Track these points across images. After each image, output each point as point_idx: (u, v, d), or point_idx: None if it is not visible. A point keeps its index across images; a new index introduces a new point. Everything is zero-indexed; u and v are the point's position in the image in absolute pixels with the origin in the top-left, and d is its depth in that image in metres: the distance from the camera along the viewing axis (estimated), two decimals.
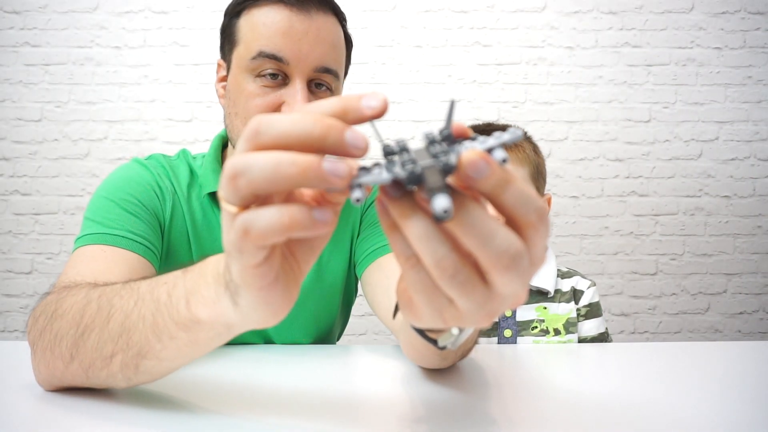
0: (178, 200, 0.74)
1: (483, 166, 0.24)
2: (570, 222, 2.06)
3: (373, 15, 2.04)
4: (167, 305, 0.38)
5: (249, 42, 0.67)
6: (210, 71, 2.01)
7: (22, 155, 2.00)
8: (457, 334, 0.40)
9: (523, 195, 0.25)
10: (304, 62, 0.66)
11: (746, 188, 2.08)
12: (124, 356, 0.42)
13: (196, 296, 0.36)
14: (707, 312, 2.08)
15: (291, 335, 0.80)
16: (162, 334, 0.39)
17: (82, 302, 0.46)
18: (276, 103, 0.67)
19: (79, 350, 0.44)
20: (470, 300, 0.27)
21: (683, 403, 0.49)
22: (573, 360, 0.66)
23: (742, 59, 2.08)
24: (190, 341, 0.39)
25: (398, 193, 0.26)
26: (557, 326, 0.86)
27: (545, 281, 0.88)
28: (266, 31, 0.66)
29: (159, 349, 0.40)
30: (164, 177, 0.74)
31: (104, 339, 0.42)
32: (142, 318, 0.40)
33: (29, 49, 2.00)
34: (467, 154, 0.24)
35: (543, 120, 2.07)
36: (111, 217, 0.66)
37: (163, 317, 0.39)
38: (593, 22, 2.07)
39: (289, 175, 0.25)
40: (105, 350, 0.42)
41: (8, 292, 1.99)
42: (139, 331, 0.40)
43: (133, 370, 0.42)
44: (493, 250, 0.25)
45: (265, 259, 0.29)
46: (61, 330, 0.45)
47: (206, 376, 0.56)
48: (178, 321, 0.38)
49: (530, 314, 0.87)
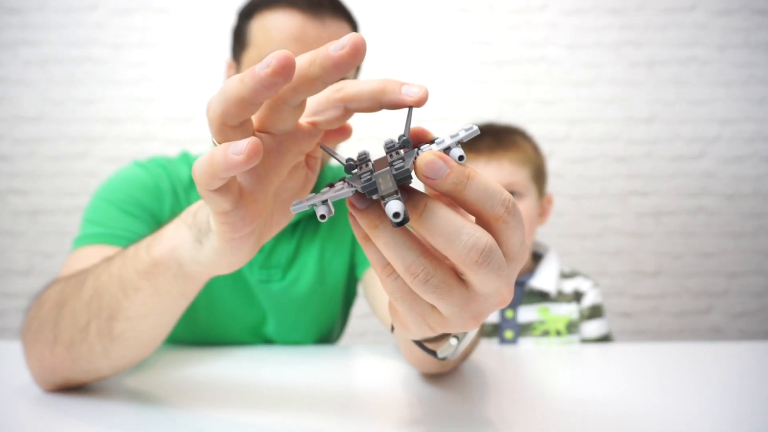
0: (178, 200, 0.74)
1: (440, 166, 0.24)
2: (571, 222, 2.06)
3: (373, 14, 2.03)
4: (132, 258, 0.40)
5: (261, 46, 0.67)
6: (209, 70, 2.00)
7: (20, 154, 1.99)
8: (456, 344, 0.39)
9: (486, 188, 0.25)
10: None
11: (748, 188, 2.07)
12: (98, 322, 0.42)
13: (157, 239, 0.38)
14: (709, 312, 2.07)
15: (292, 336, 0.79)
16: (127, 287, 0.40)
17: (60, 287, 0.47)
18: None
19: (59, 328, 0.44)
20: (450, 303, 0.26)
21: (684, 404, 0.48)
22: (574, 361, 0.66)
23: (744, 58, 2.07)
24: (152, 291, 0.40)
25: (364, 205, 0.26)
26: (559, 328, 0.85)
27: (547, 282, 0.87)
28: (279, 36, 0.66)
29: (126, 307, 0.41)
30: (163, 177, 0.74)
31: (78, 308, 0.43)
32: (110, 276, 0.41)
33: (27, 48, 1.99)
34: (423, 156, 0.24)
35: (544, 119, 2.06)
36: (109, 218, 0.66)
37: (127, 270, 0.40)
38: (594, 21, 2.07)
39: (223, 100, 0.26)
40: (80, 320, 0.43)
41: (6, 292, 1.99)
42: (108, 292, 0.41)
43: (108, 337, 0.43)
44: (461, 247, 0.24)
45: (231, 207, 0.30)
46: (43, 316, 0.46)
47: (206, 376, 0.56)
48: (140, 269, 0.39)
49: (532, 316, 0.86)
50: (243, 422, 0.43)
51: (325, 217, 0.26)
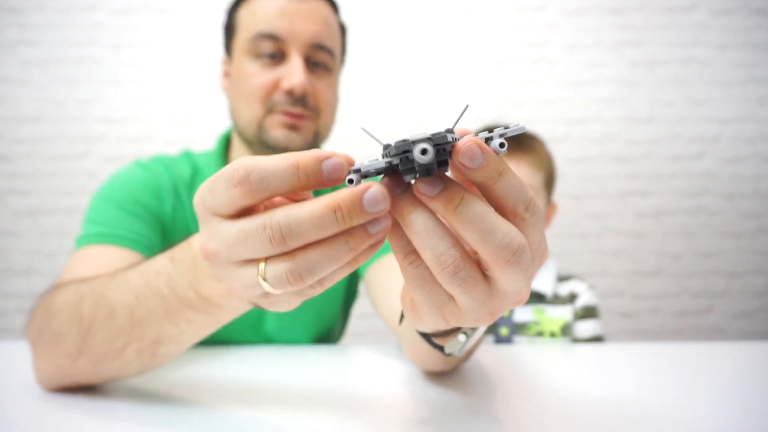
0: (180, 198, 0.75)
1: (478, 155, 0.24)
2: (571, 222, 2.06)
3: (373, 14, 2.03)
4: (174, 297, 0.39)
5: (247, 26, 0.72)
6: (209, 70, 2.00)
7: (20, 154, 1.99)
8: (464, 341, 0.39)
9: (516, 186, 0.25)
10: (299, 38, 0.70)
11: (748, 188, 2.07)
12: (140, 345, 0.43)
13: (204, 287, 0.36)
14: (709, 312, 2.07)
15: (292, 335, 0.79)
16: (179, 321, 0.40)
17: (74, 298, 0.46)
18: (275, 80, 0.70)
19: (87, 346, 0.44)
20: (472, 297, 0.26)
21: (685, 404, 0.48)
22: (574, 361, 0.66)
23: (744, 58, 2.07)
24: (209, 322, 0.40)
25: (399, 190, 0.26)
26: (553, 330, 0.85)
27: (543, 284, 0.87)
28: (263, 13, 0.71)
29: (177, 334, 0.41)
30: (165, 176, 0.75)
31: (113, 333, 0.43)
32: (151, 311, 0.40)
33: (27, 48, 1.99)
34: (463, 141, 0.24)
35: (544, 119, 2.06)
36: (110, 218, 0.67)
37: (175, 307, 0.39)
38: (594, 21, 2.06)
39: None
40: (116, 343, 0.43)
41: (6, 292, 1.99)
42: (152, 323, 0.41)
43: (150, 356, 0.44)
44: (495, 245, 0.24)
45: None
46: (61, 328, 0.45)
47: (206, 376, 0.56)
48: (195, 308, 0.38)
49: (527, 316, 0.86)
50: (243, 421, 0.43)
51: (353, 181, 0.25)
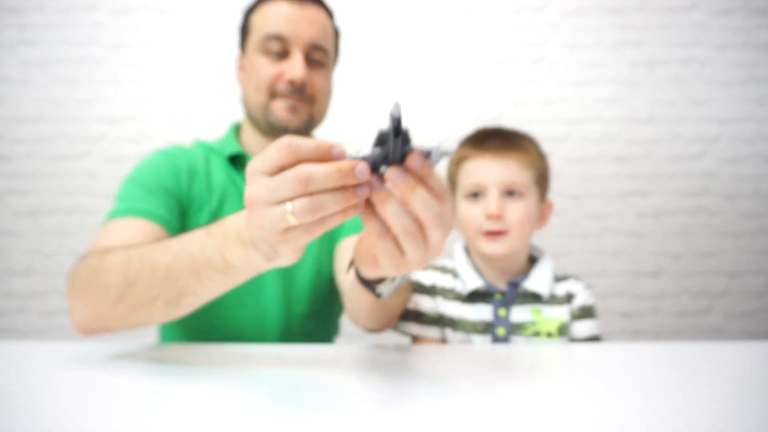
0: (194, 175, 0.90)
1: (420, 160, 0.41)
2: (571, 222, 2.06)
3: (373, 14, 2.03)
4: (203, 259, 0.52)
5: (258, 28, 0.89)
6: (209, 70, 2.01)
7: (20, 154, 1.99)
8: (394, 283, 0.58)
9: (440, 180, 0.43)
10: (301, 39, 0.87)
11: (749, 188, 2.07)
12: (169, 295, 0.57)
13: (228, 252, 0.50)
14: (709, 312, 2.07)
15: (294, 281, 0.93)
16: (202, 277, 0.54)
17: (123, 258, 0.60)
18: (280, 72, 0.88)
19: (128, 295, 0.58)
20: (419, 251, 0.43)
21: (684, 404, 0.48)
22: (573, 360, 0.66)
23: (744, 58, 2.07)
24: (224, 281, 0.54)
25: (379, 184, 0.42)
26: (550, 330, 0.85)
27: (540, 285, 0.88)
28: (271, 18, 0.88)
29: (197, 288, 0.55)
30: (181, 159, 0.91)
31: (152, 284, 0.57)
32: (183, 268, 0.54)
33: (27, 48, 1.99)
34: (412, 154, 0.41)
35: (544, 119, 2.06)
36: (135, 196, 0.82)
37: (202, 266, 0.53)
38: (594, 21, 2.07)
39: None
40: (153, 292, 0.57)
41: (6, 292, 1.99)
42: (182, 278, 0.55)
43: (174, 304, 0.58)
44: (433, 213, 0.42)
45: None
46: (109, 280, 0.59)
47: (206, 376, 0.56)
48: (216, 268, 0.52)
49: (524, 316, 0.87)
50: (243, 421, 0.43)
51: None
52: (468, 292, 0.87)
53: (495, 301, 0.87)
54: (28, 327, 1.99)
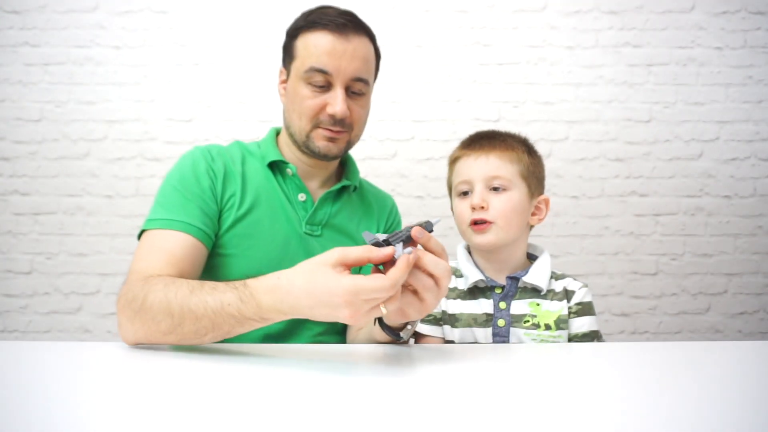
0: (230, 174, 0.94)
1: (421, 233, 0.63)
2: (570, 222, 2.06)
3: (373, 15, 2.03)
4: (244, 318, 0.65)
5: (303, 58, 0.92)
6: (209, 71, 2.01)
7: (22, 155, 1.99)
8: (411, 328, 0.74)
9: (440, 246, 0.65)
10: (343, 74, 0.91)
11: (747, 188, 2.08)
12: (216, 335, 0.68)
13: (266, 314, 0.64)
14: (708, 312, 2.08)
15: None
16: (245, 326, 0.66)
17: (164, 301, 0.69)
18: (322, 104, 0.92)
19: (177, 331, 0.68)
20: (435, 298, 0.63)
21: (683, 403, 0.49)
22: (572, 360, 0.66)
23: (742, 59, 2.08)
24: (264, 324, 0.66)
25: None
26: (548, 322, 0.89)
27: (539, 279, 0.91)
28: (316, 51, 0.90)
29: (241, 330, 0.67)
30: (218, 159, 0.95)
31: (199, 328, 0.67)
32: (226, 322, 0.66)
33: (29, 49, 1.99)
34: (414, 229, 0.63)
35: (543, 120, 2.06)
36: (174, 203, 0.87)
37: (244, 321, 0.66)
38: (593, 22, 2.07)
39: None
40: (200, 332, 0.68)
41: (8, 292, 1.99)
42: (227, 326, 0.67)
43: (220, 338, 0.69)
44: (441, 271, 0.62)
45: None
46: (156, 317, 0.69)
47: (206, 376, 0.56)
48: (258, 321, 0.66)
49: (523, 309, 0.90)
50: (243, 421, 0.43)
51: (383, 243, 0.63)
52: (469, 285, 0.91)
53: (495, 294, 0.91)
54: (29, 327, 1.99)
